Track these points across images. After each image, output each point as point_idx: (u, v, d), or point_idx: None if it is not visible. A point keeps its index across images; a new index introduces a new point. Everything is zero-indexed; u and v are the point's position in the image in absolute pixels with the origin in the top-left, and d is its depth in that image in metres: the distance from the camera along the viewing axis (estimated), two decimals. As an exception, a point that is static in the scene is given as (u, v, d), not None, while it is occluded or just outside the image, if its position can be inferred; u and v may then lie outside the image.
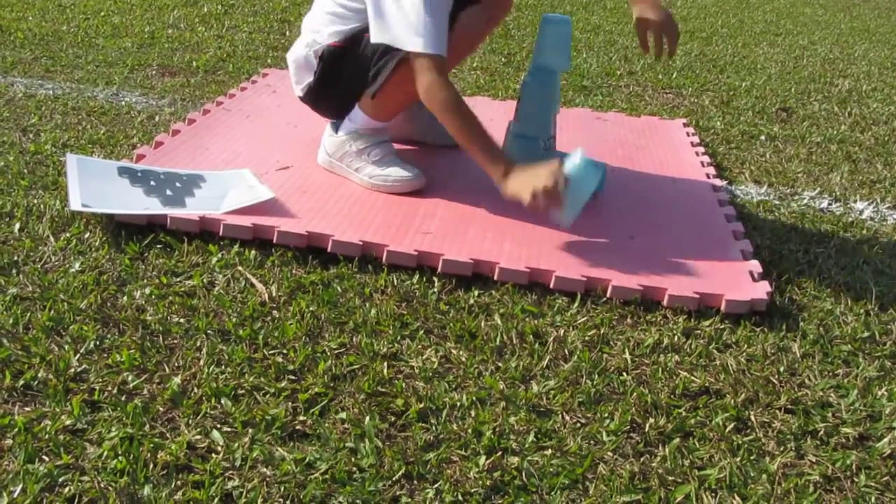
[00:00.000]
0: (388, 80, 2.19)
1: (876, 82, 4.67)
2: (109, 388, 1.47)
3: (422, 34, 2.05)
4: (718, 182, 2.63)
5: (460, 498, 1.30)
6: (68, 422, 1.38)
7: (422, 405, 1.50)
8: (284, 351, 1.62)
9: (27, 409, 1.41)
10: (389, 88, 2.21)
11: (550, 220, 2.06)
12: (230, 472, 1.31)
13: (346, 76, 2.28)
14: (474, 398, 1.54)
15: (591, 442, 1.46)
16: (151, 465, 1.30)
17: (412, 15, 2.05)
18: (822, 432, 1.55)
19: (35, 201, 2.12)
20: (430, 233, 2.07)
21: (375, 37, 2.11)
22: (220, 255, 1.94)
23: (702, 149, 2.95)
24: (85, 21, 4.11)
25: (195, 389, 1.49)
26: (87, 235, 1.98)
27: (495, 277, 1.94)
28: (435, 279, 1.92)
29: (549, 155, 2.54)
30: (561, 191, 1.96)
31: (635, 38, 5.13)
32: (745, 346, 1.79)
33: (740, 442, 1.50)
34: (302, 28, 2.41)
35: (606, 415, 1.53)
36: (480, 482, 1.33)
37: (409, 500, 1.30)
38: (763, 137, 3.30)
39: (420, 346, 1.68)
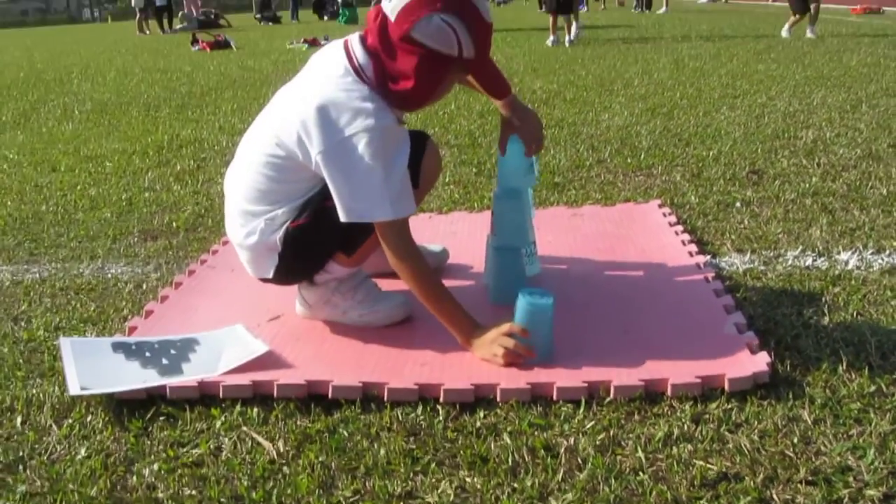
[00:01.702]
0: (367, 240, 2.21)
1: (838, 127, 4.76)
2: (131, 577, 1.46)
3: (388, 201, 2.05)
4: (702, 258, 2.66)
5: None
6: None
7: (444, 541, 1.49)
8: (300, 507, 1.62)
9: None
10: (368, 245, 2.24)
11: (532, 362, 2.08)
12: None
13: (318, 248, 2.25)
14: (495, 525, 1.53)
15: (619, 551, 1.45)
16: None
17: (375, 186, 2.04)
18: (846, 499, 1.54)
19: (34, 391, 2.13)
20: (428, 363, 2.08)
21: (345, 215, 2.08)
22: (223, 418, 1.94)
23: (680, 227, 2.99)
24: (63, 197, 4.18)
25: (216, 563, 1.48)
26: (89, 418, 1.99)
27: (498, 399, 1.94)
28: (439, 407, 1.92)
29: (531, 263, 2.58)
30: (523, 345, 2.05)
31: (599, 125, 5.24)
32: (756, 422, 1.79)
33: (766, 525, 1.49)
34: (235, 216, 2.30)
35: (629, 519, 1.52)
36: None
37: None
38: (738, 204, 3.35)
39: (434, 480, 1.67)
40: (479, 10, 2.03)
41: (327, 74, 2.13)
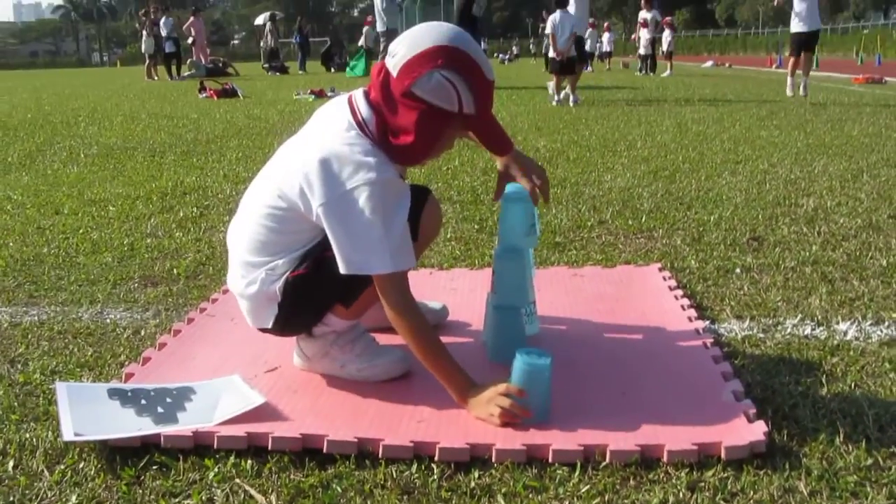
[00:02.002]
0: (366, 291, 2.22)
1: (839, 196, 4.79)
2: None
3: (388, 254, 2.06)
4: (701, 324, 2.66)
5: None
6: None
7: None
8: (290, 563, 1.60)
9: None
10: (366, 298, 2.25)
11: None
12: None
13: (318, 297, 2.26)
14: (487, 588, 1.51)
15: None
16: None
17: (375, 239, 2.05)
18: (842, 574, 1.53)
19: (27, 435, 2.12)
20: (424, 420, 2.08)
21: (344, 268, 2.09)
22: (216, 469, 1.93)
23: (680, 291, 2.99)
24: (65, 240, 4.19)
25: None
26: (81, 465, 1.97)
27: (493, 460, 1.93)
28: (434, 465, 1.91)
29: (530, 322, 2.58)
30: (520, 404, 2.04)
31: (602, 186, 5.27)
32: (752, 492, 1.78)
33: None
34: (237, 267, 2.34)
35: (622, 587, 1.51)
36: None
37: None
38: (738, 270, 3.36)
39: (426, 540, 1.66)
40: (480, 67, 2.06)
41: (331, 128, 2.16)
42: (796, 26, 11.66)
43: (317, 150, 2.10)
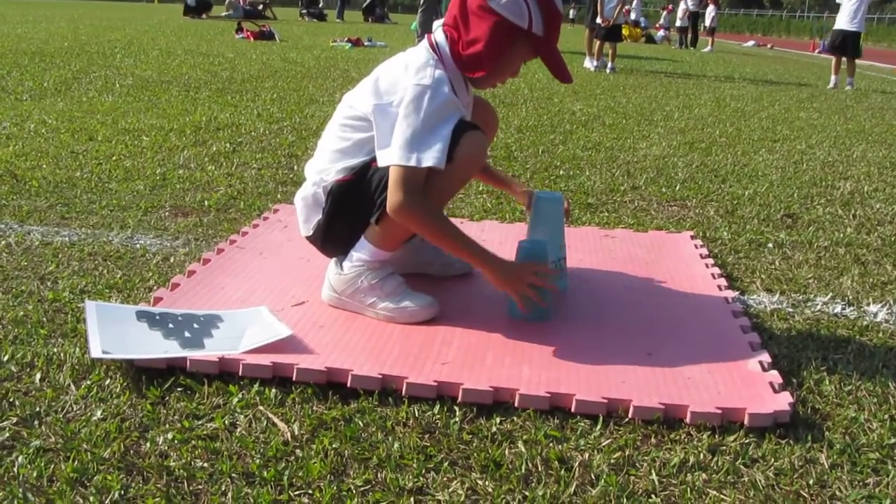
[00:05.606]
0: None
1: (877, 182, 4.73)
2: (136, 540, 1.46)
3: (404, 149, 2.16)
4: (730, 293, 2.64)
5: None
6: (96, 577, 1.36)
7: (451, 540, 1.48)
8: (310, 491, 1.61)
9: (54, 565, 1.40)
10: (397, 224, 2.26)
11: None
12: None
13: (355, 208, 2.32)
14: (503, 530, 1.52)
15: (625, 570, 1.44)
16: None
17: (400, 133, 2.17)
18: (858, 546, 1.52)
19: (55, 350, 2.14)
20: (449, 362, 2.08)
21: (379, 160, 2.24)
22: (240, 396, 1.94)
23: (711, 260, 2.97)
24: (98, 166, 4.20)
25: (222, 536, 1.47)
26: (107, 382, 1.99)
27: (516, 404, 1.93)
28: (456, 408, 1.92)
29: (560, 278, 2.57)
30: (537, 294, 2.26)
31: (637, 153, 5.23)
32: (773, 459, 1.77)
33: (776, 562, 1.47)
34: (306, 173, 2.47)
35: (638, 540, 1.51)
36: None
37: None
38: (770, 245, 3.33)
39: (445, 479, 1.66)
40: None
41: (407, 52, 2.36)
42: (838, 23, 11.62)
43: (388, 61, 2.35)
